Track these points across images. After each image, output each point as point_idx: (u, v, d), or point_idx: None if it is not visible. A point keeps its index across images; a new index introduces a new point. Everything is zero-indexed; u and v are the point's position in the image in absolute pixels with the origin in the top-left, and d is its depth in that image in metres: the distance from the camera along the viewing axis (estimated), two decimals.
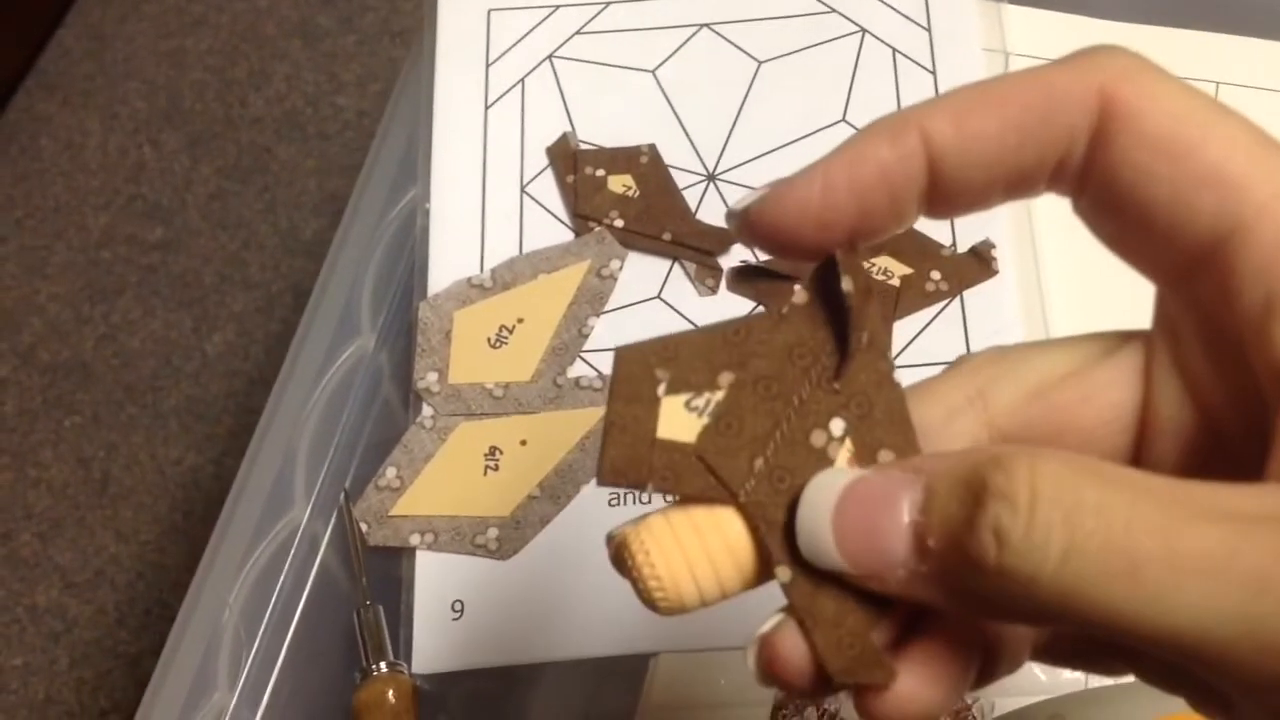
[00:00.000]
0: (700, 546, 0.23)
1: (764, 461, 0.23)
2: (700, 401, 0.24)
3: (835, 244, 0.23)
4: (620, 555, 0.24)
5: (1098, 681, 0.41)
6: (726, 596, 0.24)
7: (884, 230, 0.23)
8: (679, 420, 0.23)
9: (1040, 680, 0.41)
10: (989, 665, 0.23)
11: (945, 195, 0.23)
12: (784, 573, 0.23)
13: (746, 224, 0.24)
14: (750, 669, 0.24)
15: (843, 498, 0.22)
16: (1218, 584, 0.18)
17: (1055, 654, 0.26)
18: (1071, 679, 0.41)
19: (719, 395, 0.24)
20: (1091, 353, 0.24)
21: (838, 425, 0.23)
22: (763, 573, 0.23)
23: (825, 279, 0.24)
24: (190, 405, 1.12)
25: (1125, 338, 0.24)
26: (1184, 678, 0.23)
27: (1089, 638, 0.24)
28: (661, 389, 0.23)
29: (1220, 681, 0.19)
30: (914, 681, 0.22)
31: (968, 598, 0.20)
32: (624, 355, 0.23)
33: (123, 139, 1.26)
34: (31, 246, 1.22)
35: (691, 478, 0.23)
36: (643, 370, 0.24)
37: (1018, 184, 0.23)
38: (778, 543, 0.23)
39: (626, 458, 0.23)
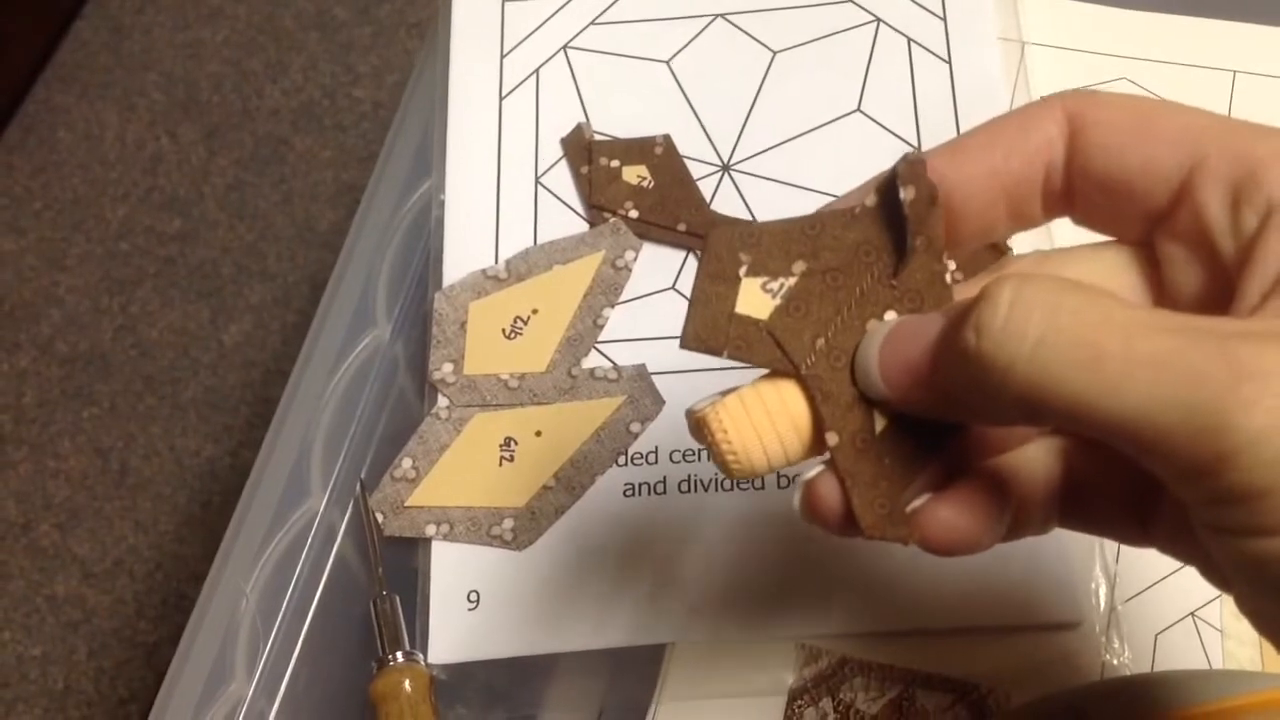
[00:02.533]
0: (767, 418, 0.27)
1: (824, 341, 0.27)
2: (775, 285, 0.27)
3: None
4: (699, 428, 0.27)
5: (1114, 674, 0.41)
6: (790, 462, 0.27)
7: None
8: (755, 299, 0.27)
9: (1060, 673, 0.41)
10: (1019, 518, 0.28)
11: (955, 216, 0.28)
12: (833, 438, 0.26)
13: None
14: (795, 508, 0.28)
15: (888, 335, 0.26)
16: (1164, 376, 0.21)
17: (1073, 515, 0.30)
18: (1090, 672, 0.41)
19: (792, 280, 0.27)
20: (1117, 260, 0.29)
21: (890, 316, 0.27)
22: (820, 441, 0.27)
23: (892, 186, 0.27)
24: (208, 396, 1.13)
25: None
26: (1187, 544, 0.27)
27: (1103, 493, 0.29)
28: (743, 270, 0.27)
29: (1161, 467, 0.22)
30: (951, 513, 0.27)
31: (959, 397, 0.25)
32: (715, 236, 0.27)
33: (140, 131, 1.27)
34: (50, 238, 1.23)
35: (761, 349, 0.27)
36: (729, 252, 0.27)
37: (1016, 195, 0.28)
38: (830, 411, 0.27)
39: (708, 328, 0.27)
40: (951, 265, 0.28)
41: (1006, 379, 0.23)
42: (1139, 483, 0.28)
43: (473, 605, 0.43)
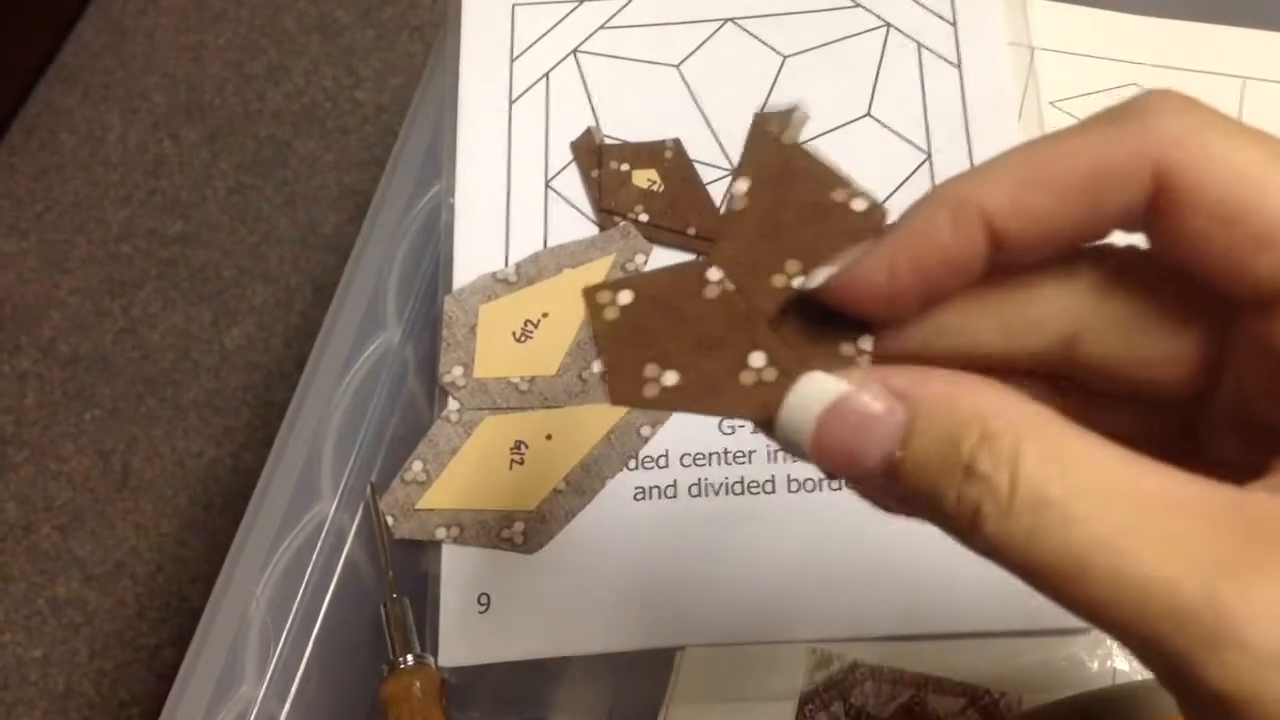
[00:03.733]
0: None
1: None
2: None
3: (905, 313, 0.25)
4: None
5: (1125, 680, 0.41)
6: None
7: (949, 297, 0.25)
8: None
9: (1071, 679, 0.41)
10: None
11: (1005, 265, 0.24)
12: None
13: (824, 294, 0.25)
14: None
15: (826, 412, 0.23)
16: (1146, 606, 0.20)
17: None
18: (1100, 677, 0.41)
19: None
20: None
21: (811, 374, 0.24)
22: None
23: None
24: (209, 398, 1.13)
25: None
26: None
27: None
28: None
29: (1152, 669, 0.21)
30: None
31: (925, 517, 0.23)
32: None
33: (142, 133, 1.27)
34: (52, 240, 1.23)
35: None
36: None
37: (1072, 248, 0.24)
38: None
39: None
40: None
41: (992, 552, 0.21)
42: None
43: (483, 608, 0.43)
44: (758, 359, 0.25)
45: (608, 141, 0.50)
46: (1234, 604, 0.20)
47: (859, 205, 0.27)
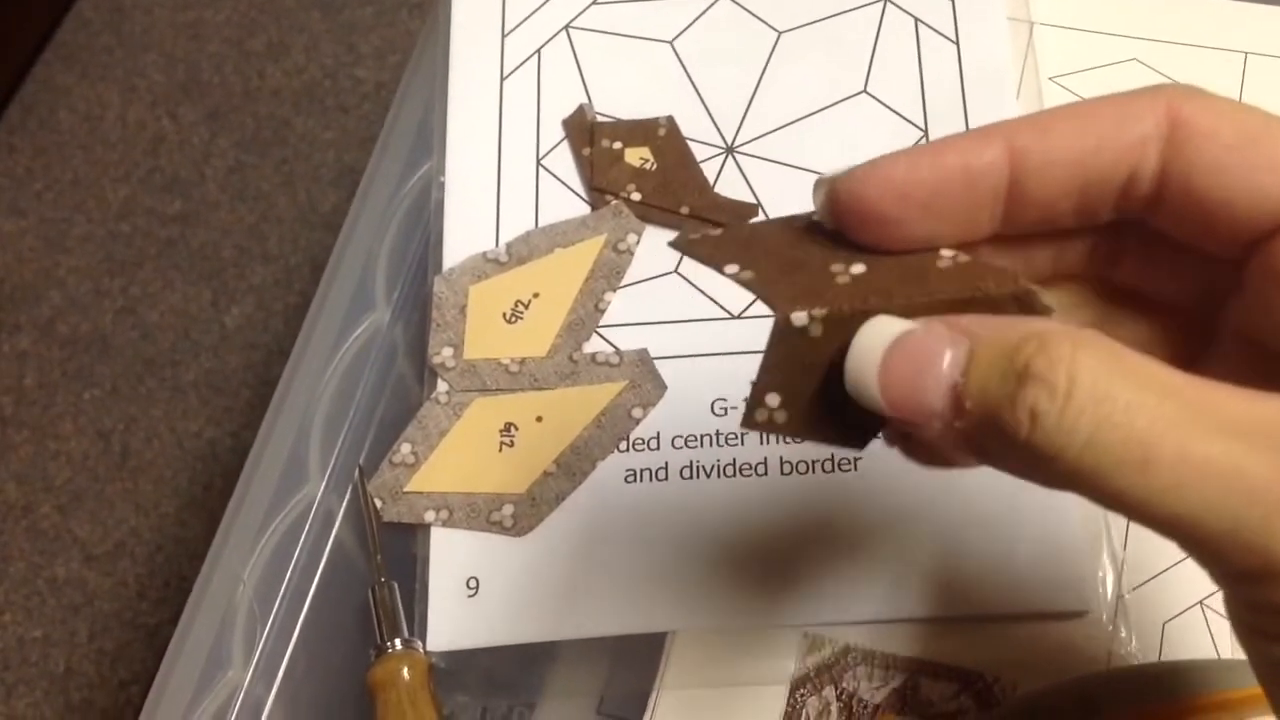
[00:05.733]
0: None
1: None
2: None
3: (911, 230, 0.26)
4: None
5: (1121, 663, 0.40)
6: None
7: (957, 229, 0.26)
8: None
9: (1067, 662, 0.41)
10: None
11: (1022, 199, 0.26)
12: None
13: (832, 194, 0.26)
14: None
15: (891, 349, 0.24)
16: (1214, 486, 0.21)
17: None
18: (1097, 661, 0.40)
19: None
20: (1073, 298, 0.30)
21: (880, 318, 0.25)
22: None
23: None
24: (209, 378, 1.13)
25: None
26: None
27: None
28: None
29: (1206, 565, 0.22)
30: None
31: (993, 455, 0.23)
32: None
33: (141, 111, 1.26)
34: (51, 220, 1.22)
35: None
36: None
37: (1092, 191, 0.26)
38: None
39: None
40: (947, 252, 0.26)
41: (1052, 465, 0.22)
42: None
43: (472, 592, 0.43)
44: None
45: (600, 119, 0.49)
46: None
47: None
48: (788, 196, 0.47)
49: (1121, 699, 0.38)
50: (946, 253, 0.26)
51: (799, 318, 0.25)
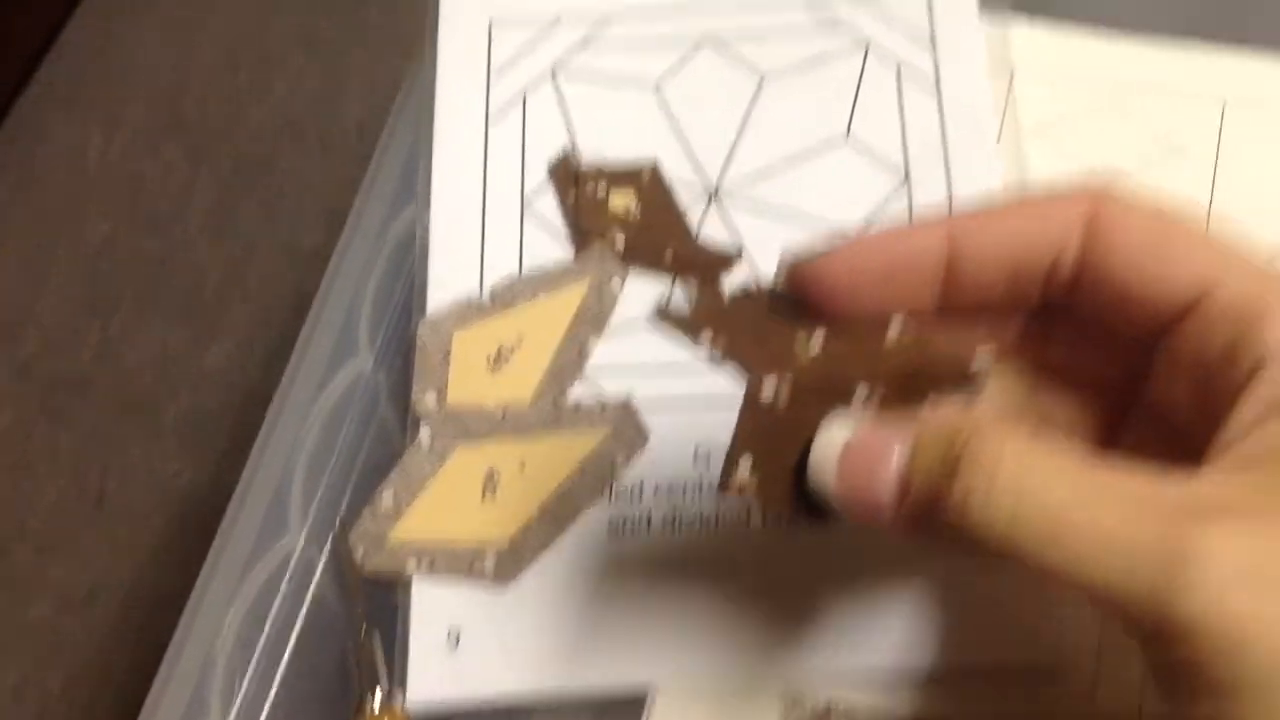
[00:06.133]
0: None
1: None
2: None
3: (862, 304, 0.30)
4: None
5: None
6: None
7: (902, 304, 0.30)
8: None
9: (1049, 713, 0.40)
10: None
11: (958, 281, 0.30)
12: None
13: (795, 271, 0.30)
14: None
15: (844, 457, 0.27)
16: (1118, 554, 0.23)
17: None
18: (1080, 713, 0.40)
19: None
20: (1005, 377, 0.33)
21: (836, 420, 0.29)
22: None
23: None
24: (188, 419, 1.12)
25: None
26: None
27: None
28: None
29: (1124, 629, 0.24)
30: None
31: (936, 536, 0.26)
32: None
33: (123, 148, 1.26)
34: (30, 256, 1.21)
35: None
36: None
37: (1019, 277, 0.29)
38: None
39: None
40: (896, 324, 0.30)
41: (985, 542, 0.25)
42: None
43: (454, 643, 0.42)
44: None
45: (585, 164, 0.49)
46: (1190, 541, 0.23)
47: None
48: (770, 241, 0.47)
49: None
50: (895, 327, 0.30)
51: (767, 386, 0.29)
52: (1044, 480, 0.25)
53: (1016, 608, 0.41)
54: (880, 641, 0.41)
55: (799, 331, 0.30)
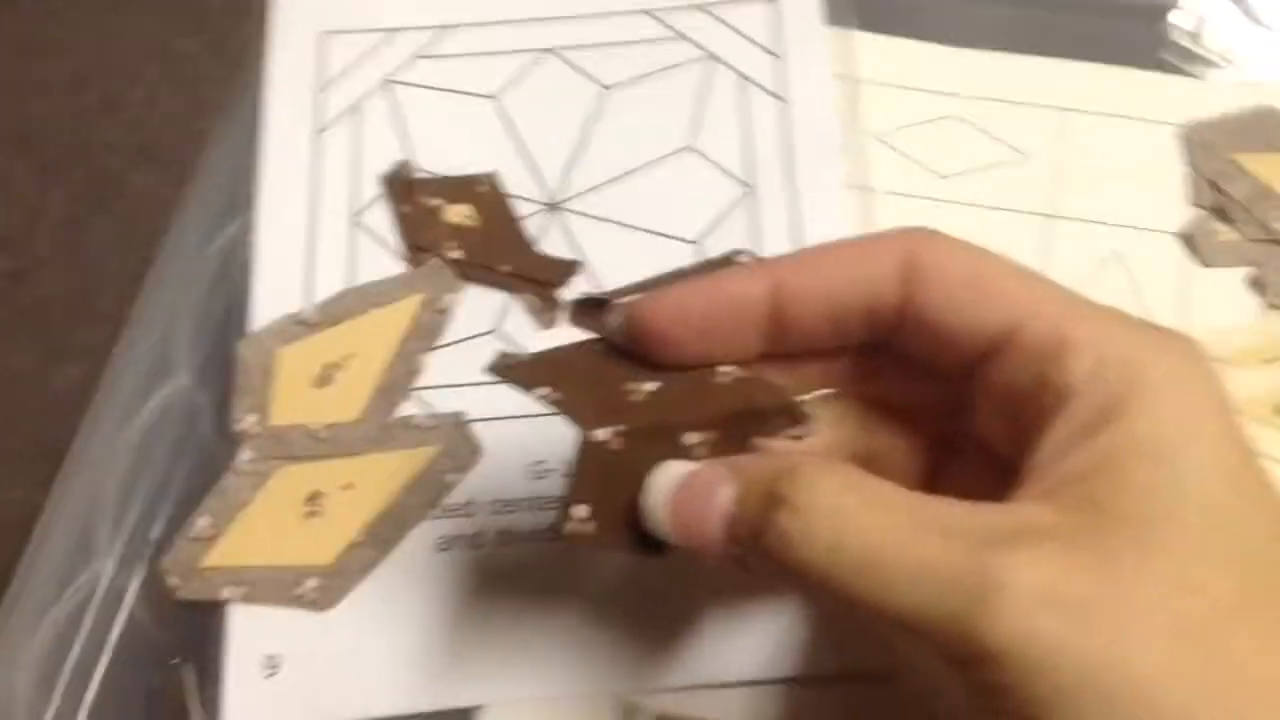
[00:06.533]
0: None
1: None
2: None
3: (691, 349, 0.31)
4: None
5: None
6: None
7: (730, 350, 0.31)
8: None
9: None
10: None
11: (783, 324, 0.30)
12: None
13: (626, 318, 0.31)
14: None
15: (676, 490, 0.29)
16: (927, 585, 0.24)
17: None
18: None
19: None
20: (837, 412, 0.33)
21: (669, 465, 0.30)
22: None
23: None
24: (35, 445, 1.07)
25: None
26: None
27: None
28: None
29: (937, 656, 0.25)
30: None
31: (764, 570, 0.27)
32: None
33: None
34: None
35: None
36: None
37: (841, 318, 0.30)
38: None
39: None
40: (724, 368, 0.31)
41: (803, 575, 0.26)
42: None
43: (271, 671, 0.40)
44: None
45: (420, 175, 0.48)
46: (997, 566, 0.24)
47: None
48: (610, 253, 0.46)
49: None
50: (725, 369, 0.31)
51: (601, 434, 0.30)
52: (858, 514, 0.26)
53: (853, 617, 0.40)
54: (717, 655, 0.40)
55: (630, 380, 0.31)
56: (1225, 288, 0.46)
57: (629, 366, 0.32)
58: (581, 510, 0.30)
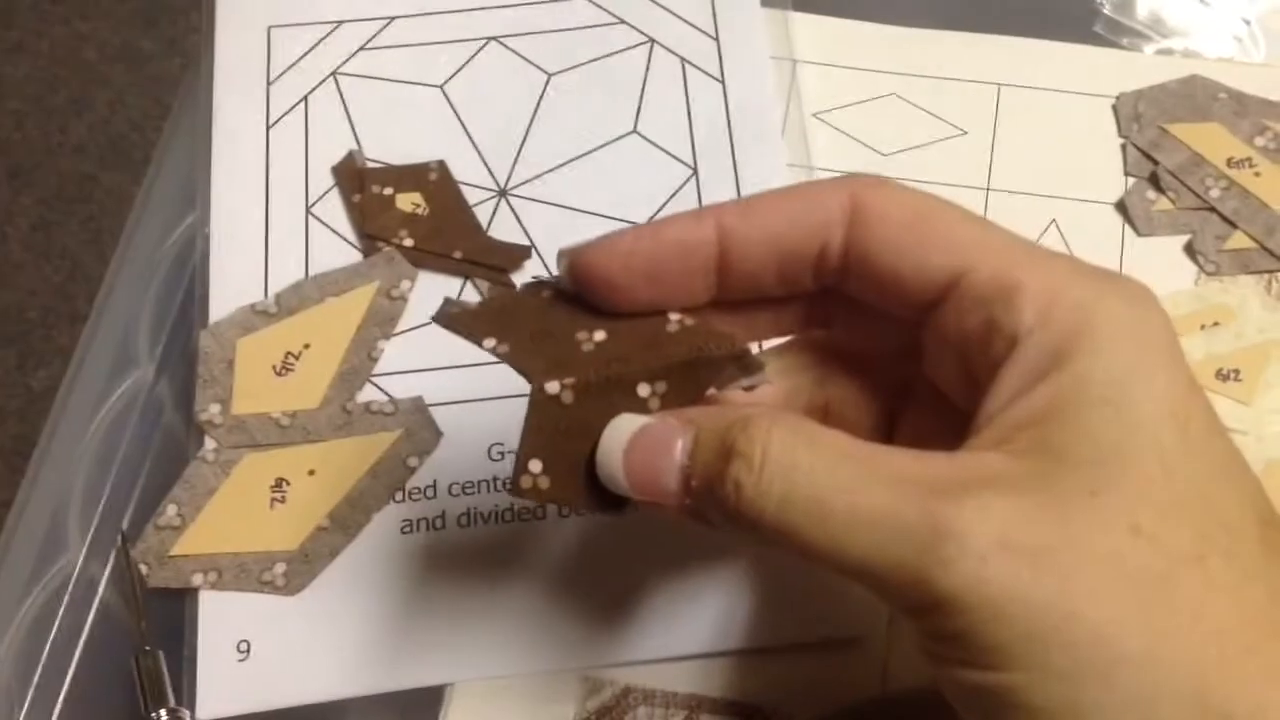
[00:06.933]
0: None
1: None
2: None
3: (638, 295, 0.30)
4: None
5: (896, 685, 0.41)
6: None
7: (679, 296, 0.31)
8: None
9: (842, 689, 0.41)
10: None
11: (731, 269, 0.30)
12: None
13: (571, 264, 0.31)
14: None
15: (630, 443, 0.28)
16: (878, 534, 0.24)
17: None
18: (871, 685, 0.41)
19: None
20: (796, 361, 0.34)
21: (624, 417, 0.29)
22: None
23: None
24: (15, 444, 1.08)
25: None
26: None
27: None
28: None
29: (890, 603, 0.26)
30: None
31: (720, 522, 0.28)
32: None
33: None
34: None
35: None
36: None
37: (789, 263, 0.30)
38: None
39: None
40: (674, 316, 0.31)
41: (757, 526, 0.26)
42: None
43: (243, 655, 0.41)
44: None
45: (370, 165, 0.49)
46: (948, 515, 0.24)
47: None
48: (560, 237, 0.46)
49: (897, 717, 0.39)
50: (674, 316, 0.30)
51: (552, 387, 0.29)
52: (810, 464, 0.25)
53: (812, 587, 0.41)
54: (680, 629, 0.41)
55: (580, 330, 0.30)
56: (1162, 255, 0.47)
57: (577, 314, 0.31)
58: (535, 465, 0.29)
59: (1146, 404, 0.25)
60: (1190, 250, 0.47)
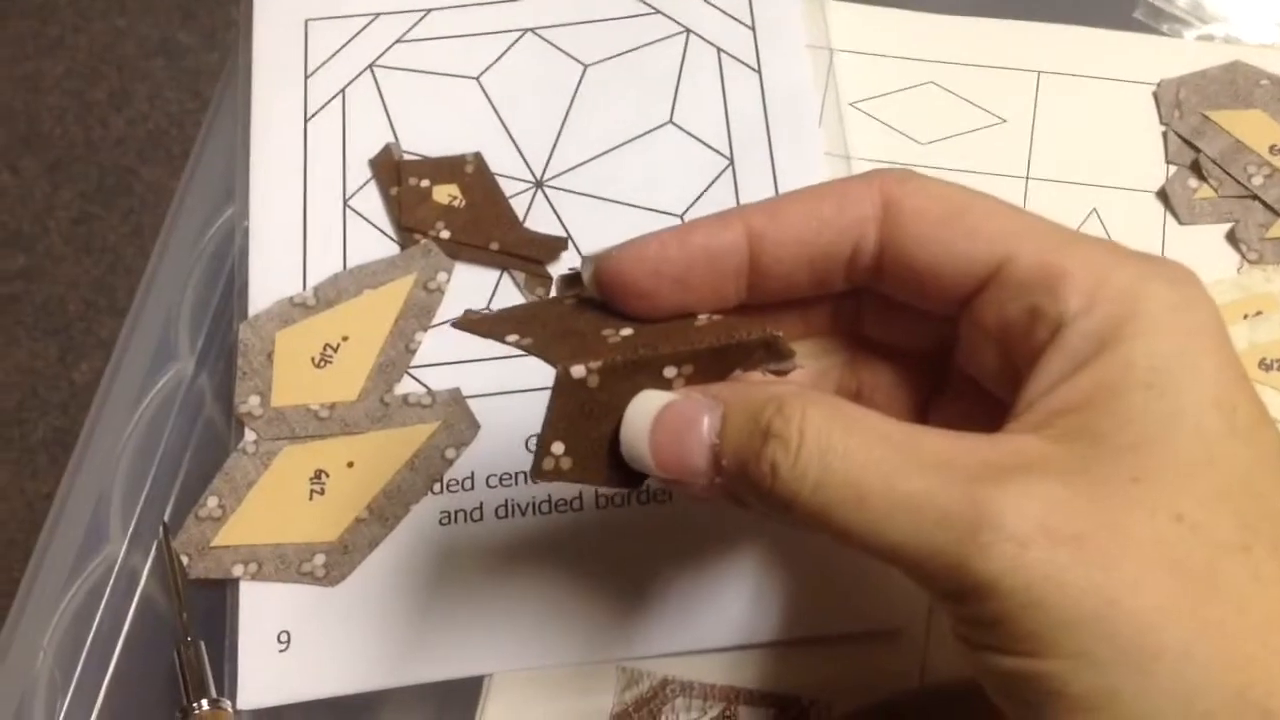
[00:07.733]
0: None
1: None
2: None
3: (666, 301, 0.29)
4: None
5: (933, 678, 0.41)
6: None
7: (707, 301, 0.30)
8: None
9: (881, 681, 0.40)
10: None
11: (761, 273, 0.29)
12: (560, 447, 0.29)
13: (597, 270, 0.30)
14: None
15: (656, 420, 0.27)
16: (916, 518, 0.24)
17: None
18: (910, 678, 0.41)
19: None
20: (819, 349, 0.33)
21: (648, 392, 0.29)
22: None
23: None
24: (58, 437, 1.09)
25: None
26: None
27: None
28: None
29: (924, 588, 0.25)
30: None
31: (749, 501, 0.27)
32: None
33: None
34: None
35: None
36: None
37: (821, 265, 0.29)
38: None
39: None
40: (702, 316, 0.30)
41: (793, 509, 0.25)
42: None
43: (284, 646, 0.42)
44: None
45: (407, 157, 0.49)
46: (988, 500, 0.23)
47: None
48: (597, 229, 0.47)
49: (931, 714, 0.39)
50: (702, 317, 0.30)
51: (577, 371, 0.28)
52: (847, 445, 0.25)
53: (852, 578, 0.41)
54: (717, 620, 0.41)
55: (605, 328, 0.30)
56: (1204, 244, 0.47)
57: (603, 316, 0.30)
58: (558, 447, 0.29)
59: (1192, 390, 0.25)
60: (1232, 238, 0.46)
